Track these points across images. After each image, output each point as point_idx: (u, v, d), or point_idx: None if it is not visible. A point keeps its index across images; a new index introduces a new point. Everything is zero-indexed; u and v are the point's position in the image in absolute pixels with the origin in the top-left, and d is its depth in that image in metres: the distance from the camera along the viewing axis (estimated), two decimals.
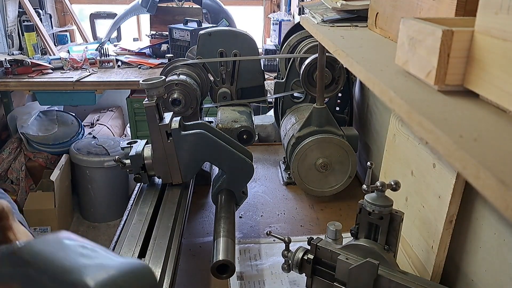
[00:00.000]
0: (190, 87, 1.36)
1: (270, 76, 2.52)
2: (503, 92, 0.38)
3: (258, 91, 1.57)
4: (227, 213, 1.05)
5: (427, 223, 0.88)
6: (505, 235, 0.70)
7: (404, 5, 0.70)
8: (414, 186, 0.94)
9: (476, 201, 0.79)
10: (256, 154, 1.70)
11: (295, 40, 1.54)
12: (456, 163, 0.35)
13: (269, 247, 1.15)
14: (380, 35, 0.82)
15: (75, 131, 3.04)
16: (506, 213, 0.28)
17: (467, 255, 0.82)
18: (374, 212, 0.76)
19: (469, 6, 0.51)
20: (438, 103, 0.44)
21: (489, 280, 0.75)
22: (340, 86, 1.42)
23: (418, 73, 0.49)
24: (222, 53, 1.48)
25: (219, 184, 1.12)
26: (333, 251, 0.79)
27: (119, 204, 2.78)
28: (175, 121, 1.07)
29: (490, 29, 0.40)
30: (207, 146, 1.07)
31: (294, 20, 3.02)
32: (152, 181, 1.15)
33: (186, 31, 2.63)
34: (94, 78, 2.55)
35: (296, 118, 1.45)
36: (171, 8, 3.03)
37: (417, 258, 0.92)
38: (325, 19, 0.97)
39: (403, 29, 0.52)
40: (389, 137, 1.11)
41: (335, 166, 1.31)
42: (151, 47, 2.99)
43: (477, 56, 0.42)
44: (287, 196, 1.43)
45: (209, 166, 1.52)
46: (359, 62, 0.62)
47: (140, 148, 1.11)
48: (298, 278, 0.99)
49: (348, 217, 1.30)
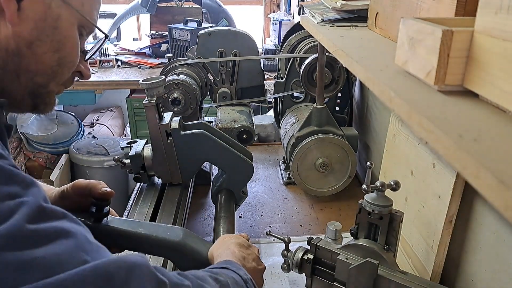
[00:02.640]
0: (190, 87, 1.36)
1: (270, 76, 2.52)
2: (502, 92, 0.38)
3: (258, 91, 1.57)
4: (227, 213, 1.05)
5: (427, 223, 0.88)
6: (504, 235, 0.70)
7: (404, 5, 0.70)
8: (414, 186, 0.94)
9: (476, 201, 0.79)
10: (256, 154, 1.70)
11: (295, 40, 1.54)
12: (456, 163, 0.35)
13: (269, 247, 1.15)
14: (380, 35, 0.82)
15: (75, 131, 3.04)
16: (506, 213, 0.29)
17: (466, 255, 0.82)
18: (374, 212, 0.76)
19: (469, 6, 0.51)
20: (438, 103, 0.44)
21: (488, 280, 0.75)
22: (340, 86, 1.42)
23: (418, 73, 0.49)
24: (222, 53, 1.48)
25: (219, 184, 1.12)
26: (332, 251, 0.79)
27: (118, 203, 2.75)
28: (175, 121, 1.07)
29: (490, 29, 0.40)
30: (207, 146, 1.07)
31: (294, 20, 3.02)
32: (152, 181, 1.15)
33: (186, 31, 2.63)
34: (94, 78, 2.54)
35: (296, 118, 1.45)
36: (171, 8, 3.03)
37: (417, 258, 0.92)
38: (325, 19, 0.97)
39: (403, 29, 0.52)
40: (389, 137, 1.11)
41: (335, 166, 1.32)
42: (151, 47, 2.99)
43: (477, 56, 0.42)
44: (287, 196, 1.43)
45: (209, 166, 1.52)
46: (359, 62, 0.62)
47: (140, 148, 1.11)
48: (298, 278, 0.99)
49: (348, 217, 1.30)
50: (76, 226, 0.48)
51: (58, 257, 0.42)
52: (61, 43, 0.61)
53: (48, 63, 0.61)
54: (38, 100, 0.64)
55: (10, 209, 0.43)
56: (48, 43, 0.59)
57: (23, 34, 0.57)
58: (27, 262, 0.40)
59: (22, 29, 0.56)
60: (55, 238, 0.43)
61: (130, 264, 0.46)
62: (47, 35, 0.59)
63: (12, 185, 0.45)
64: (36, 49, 0.58)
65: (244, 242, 0.79)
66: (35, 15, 0.57)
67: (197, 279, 0.57)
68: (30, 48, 0.58)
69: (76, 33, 0.63)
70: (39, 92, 0.63)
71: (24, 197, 0.45)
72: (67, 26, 0.61)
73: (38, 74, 0.61)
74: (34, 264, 0.40)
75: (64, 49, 0.62)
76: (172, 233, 0.79)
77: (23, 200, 0.44)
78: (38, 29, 0.58)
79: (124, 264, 0.45)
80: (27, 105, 0.63)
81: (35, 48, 0.58)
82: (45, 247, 0.42)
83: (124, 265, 0.45)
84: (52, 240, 0.43)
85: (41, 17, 0.57)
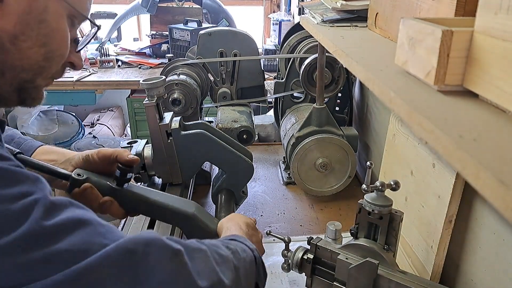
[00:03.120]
0: (190, 87, 1.36)
1: (270, 76, 2.52)
2: (502, 92, 0.39)
3: (258, 91, 1.57)
4: (227, 212, 1.05)
5: (427, 223, 0.88)
6: (504, 235, 0.70)
7: (403, 5, 0.70)
8: (414, 186, 0.94)
9: (476, 201, 0.79)
10: (256, 154, 1.70)
11: (295, 40, 1.55)
12: (456, 163, 0.35)
13: (269, 246, 1.15)
14: (380, 35, 0.82)
15: (75, 131, 3.05)
16: (506, 213, 0.29)
17: (466, 255, 0.82)
18: (374, 212, 0.76)
19: (468, 6, 0.51)
20: (437, 103, 0.44)
21: (488, 280, 0.75)
22: (340, 86, 1.42)
23: (417, 73, 0.49)
24: (222, 53, 1.48)
25: (219, 183, 1.13)
26: (332, 251, 0.79)
27: None
28: (175, 121, 1.07)
29: (489, 29, 0.40)
30: (207, 146, 1.07)
31: (294, 20, 3.02)
32: (152, 181, 1.15)
33: (186, 31, 2.63)
34: (95, 78, 2.55)
35: (296, 118, 1.45)
36: (171, 8, 3.03)
37: (417, 258, 0.92)
38: (325, 19, 0.97)
39: (403, 29, 0.52)
40: (389, 137, 1.11)
41: (334, 166, 1.32)
42: (151, 47, 2.99)
43: (476, 56, 0.42)
44: (287, 196, 1.43)
45: (209, 166, 1.52)
46: (359, 62, 0.62)
47: (140, 148, 1.11)
48: (298, 277, 0.99)
49: (347, 216, 1.30)
50: (84, 211, 0.51)
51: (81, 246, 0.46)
52: (48, 37, 0.57)
53: (34, 58, 0.57)
54: (25, 95, 0.61)
55: (26, 208, 0.45)
56: (33, 38, 0.56)
57: (6, 28, 0.53)
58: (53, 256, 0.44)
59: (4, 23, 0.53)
60: (72, 229, 0.47)
61: (146, 240, 0.50)
62: (32, 29, 0.55)
63: (21, 184, 0.47)
64: (21, 44, 0.55)
65: (251, 224, 0.85)
66: (18, 8, 0.53)
67: (212, 245, 0.62)
68: (14, 43, 0.54)
69: (66, 24, 0.60)
70: (25, 87, 0.60)
71: (35, 195, 0.47)
72: (55, 18, 0.58)
73: (23, 70, 0.57)
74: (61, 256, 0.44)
75: (52, 43, 0.58)
76: (186, 205, 0.86)
77: (35, 197, 0.46)
78: (22, 23, 0.54)
79: (141, 241, 0.50)
80: (14, 101, 0.61)
81: (20, 43, 0.55)
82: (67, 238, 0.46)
83: (141, 241, 0.50)
84: (70, 231, 0.47)
85: (26, 10, 0.54)
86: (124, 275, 0.46)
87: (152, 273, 0.48)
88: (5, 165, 0.47)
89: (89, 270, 0.44)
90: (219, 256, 0.61)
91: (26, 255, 0.42)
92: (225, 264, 0.60)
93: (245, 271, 0.65)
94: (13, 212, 0.44)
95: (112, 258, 0.46)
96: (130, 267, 0.47)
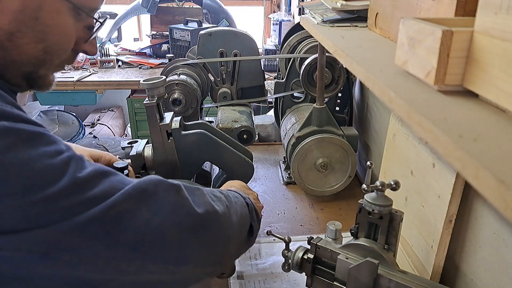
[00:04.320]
0: (190, 87, 1.36)
1: (270, 76, 2.52)
2: (502, 92, 0.39)
3: (258, 91, 1.57)
4: None
5: (427, 223, 0.88)
6: (504, 235, 0.71)
7: (403, 5, 0.70)
8: (414, 186, 0.94)
9: (476, 201, 0.79)
10: (256, 153, 1.70)
11: (295, 40, 1.55)
12: (456, 163, 0.35)
13: (269, 246, 1.15)
14: (380, 35, 0.82)
15: (76, 131, 3.05)
16: (506, 213, 0.29)
17: (466, 254, 0.83)
18: (374, 212, 0.76)
19: (468, 6, 0.51)
20: (437, 103, 0.44)
21: (488, 280, 0.75)
22: (340, 86, 1.42)
23: (417, 73, 0.49)
24: (223, 53, 1.48)
25: (219, 184, 1.13)
26: (333, 251, 0.80)
27: None
28: (176, 121, 1.08)
29: (489, 29, 0.40)
30: (208, 146, 1.07)
31: (294, 20, 3.02)
32: None
33: (186, 31, 2.63)
34: (95, 78, 2.55)
35: (296, 118, 1.45)
36: (171, 8, 3.03)
37: (417, 258, 0.92)
38: (325, 19, 0.97)
39: (403, 29, 0.52)
40: (389, 137, 1.11)
41: (335, 166, 1.32)
42: (152, 47, 2.99)
43: (476, 56, 0.42)
44: (287, 196, 1.43)
45: (209, 166, 1.52)
46: (359, 62, 0.62)
47: (141, 148, 1.11)
48: (298, 277, 0.99)
49: (348, 216, 1.30)
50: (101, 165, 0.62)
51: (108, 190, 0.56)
52: (44, 33, 0.60)
53: (32, 53, 0.60)
54: (33, 82, 0.66)
55: (64, 163, 0.54)
56: (29, 34, 0.58)
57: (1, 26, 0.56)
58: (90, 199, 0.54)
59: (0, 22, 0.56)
60: (100, 178, 0.56)
61: (155, 180, 0.62)
62: (27, 26, 0.58)
63: (55, 144, 0.55)
64: (18, 41, 0.58)
65: (246, 186, 0.97)
66: (12, 6, 0.56)
67: (207, 189, 0.74)
68: (11, 40, 0.57)
69: (66, 19, 0.62)
70: (31, 77, 0.64)
71: (67, 152, 0.55)
72: (50, 15, 0.59)
73: (24, 64, 0.61)
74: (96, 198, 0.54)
75: (49, 38, 0.61)
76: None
77: (68, 154, 0.55)
78: (17, 21, 0.57)
79: (151, 181, 0.62)
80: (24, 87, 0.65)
81: (16, 40, 0.58)
82: (99, 185, 0.55)
83: (152, 182, 0.62)
84: (99, 180, 0.56)
85: (19, 8, 0.56)
86: (141, 206, 0.58)
87: (162, 204, 0.60)
88: (42, 130, 0.54)
89: (115, 204, 0.55)
90: (213, 195, 0.73)
91: (70, 200, 0.52)
92: (219, 201, 0.72)
93: (236, 211, 0.75)
94: (55, 166, 0.52)
95: (130, 194, 0.57)
96: (145, 200, 0.59)
